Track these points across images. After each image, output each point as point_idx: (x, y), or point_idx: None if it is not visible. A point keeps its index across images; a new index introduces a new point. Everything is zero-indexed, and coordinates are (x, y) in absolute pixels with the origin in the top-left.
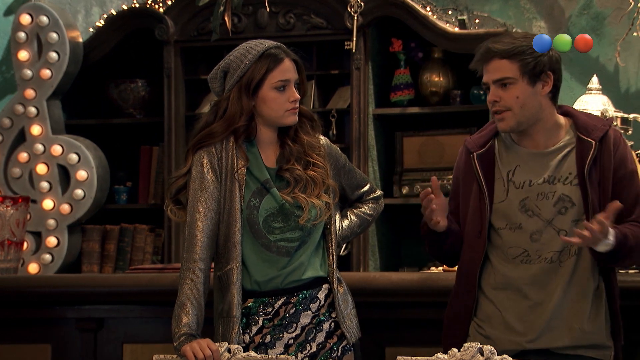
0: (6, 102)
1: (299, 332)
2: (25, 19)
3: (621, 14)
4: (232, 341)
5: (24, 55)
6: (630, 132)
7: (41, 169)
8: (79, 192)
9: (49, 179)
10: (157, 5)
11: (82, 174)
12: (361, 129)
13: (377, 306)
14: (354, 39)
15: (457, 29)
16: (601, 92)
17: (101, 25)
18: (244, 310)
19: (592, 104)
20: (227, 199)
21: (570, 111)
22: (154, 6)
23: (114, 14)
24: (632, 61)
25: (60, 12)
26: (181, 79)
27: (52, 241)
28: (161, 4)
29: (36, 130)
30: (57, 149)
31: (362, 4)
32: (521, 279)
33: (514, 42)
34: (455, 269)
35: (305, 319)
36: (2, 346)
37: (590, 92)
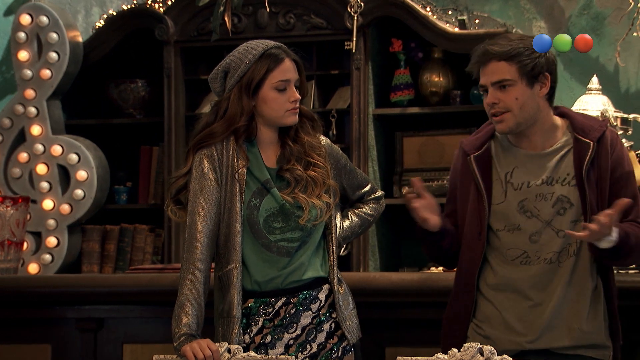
0: (6, 102)
1: (299, 332)
2: (25, 19)
3: (621, 14)
4: (232, 341)
5: (24, 55)
6: (630, 132)
7: (41, 169)
8: (79, 192)
9: (49, 179)
10: (157, 5)
11: (82, 174)
12: (361, 129)
13: (377, 306)
14: (354, 39)
15: (457, 29)
16: (601, 92)
17: (101, 25)
18: (244, 310)
19: (592, 104)
20: (228, 199)
21: (566, 112)
22: (154, 6)
23: (114, 14)
24: (632, 61)
25: (60, 12)
26: (181, 79)
27: (52, 241)
28: (161, 4)
29: (36, 130)
30: (57, 149)
31: (362, 4)
32: (521, 280)
33: (511, 43)
34: (454, 270)
35: (305, 319)
36: (2, 346)
37: (590, 92)
